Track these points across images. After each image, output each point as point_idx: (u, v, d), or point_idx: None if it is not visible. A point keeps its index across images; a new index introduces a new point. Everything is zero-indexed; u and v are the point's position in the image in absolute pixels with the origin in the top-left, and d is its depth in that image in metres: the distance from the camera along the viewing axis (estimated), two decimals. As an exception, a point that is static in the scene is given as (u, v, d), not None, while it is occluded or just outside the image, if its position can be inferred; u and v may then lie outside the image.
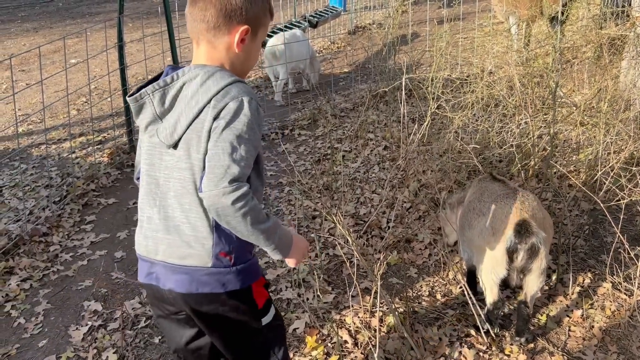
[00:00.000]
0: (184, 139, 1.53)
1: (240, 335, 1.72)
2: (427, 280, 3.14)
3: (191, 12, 1.58)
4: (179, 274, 1.60)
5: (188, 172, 1.55)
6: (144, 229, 1.66)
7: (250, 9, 1.56)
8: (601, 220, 3.56)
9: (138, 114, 1.59)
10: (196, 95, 1.51)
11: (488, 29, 5.72)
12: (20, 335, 2.83)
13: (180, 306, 1.68)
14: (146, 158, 1.63)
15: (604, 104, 3.47)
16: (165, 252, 1.61)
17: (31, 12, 11.65)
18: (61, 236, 3.67)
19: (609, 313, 2.82)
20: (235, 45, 1.57)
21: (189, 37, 1.65)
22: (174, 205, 1.58)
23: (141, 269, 1.71)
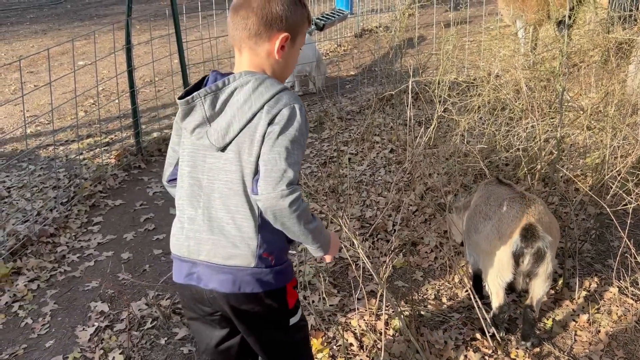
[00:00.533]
0: (235, 142, 1.58)
1: (274, 334, 1.78)
2: (433, 284, 3.14)
3: (233, 20, 1.63)
4: (223, 274, 1.64)
5: (237, 174, 1.59)
6: (185, 229, 1.69)
7: (290, 17, 1.62)
8: (608, 225, 3.55)
9: (186, 116, 1.62)
10: (249, 101, 1.56)
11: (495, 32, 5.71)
12: (27, 335, 2.85)
13: (219, 306, 1.71)
14: (189, 160, 1.67)
15: (611, 108, 3.46)
16: (210, 252, 1.64)
17: (39, 14, 11.73)
18: (68, 237, 3.69)
19: (615, 318, 2.81)
20: (276, 52, 1.63)
21: (197, 40, 1.68)
22: (218, 207, 1.63)
23: (179, 270, 1.72)
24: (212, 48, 6.56)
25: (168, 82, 6.72)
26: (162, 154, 5.02)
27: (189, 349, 2.69)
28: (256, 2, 1.59)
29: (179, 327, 2.82)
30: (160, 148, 5.07)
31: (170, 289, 3.14)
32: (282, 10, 1.60)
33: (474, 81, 4.25)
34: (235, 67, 1.69)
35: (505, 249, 2.50)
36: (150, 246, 3.60)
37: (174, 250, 1.73)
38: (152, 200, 4.21)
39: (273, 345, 1.80)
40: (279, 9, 1.59)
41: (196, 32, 8.01)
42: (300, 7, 1.65)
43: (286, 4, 1.60)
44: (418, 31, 6.69)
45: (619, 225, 2.81)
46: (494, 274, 2.57)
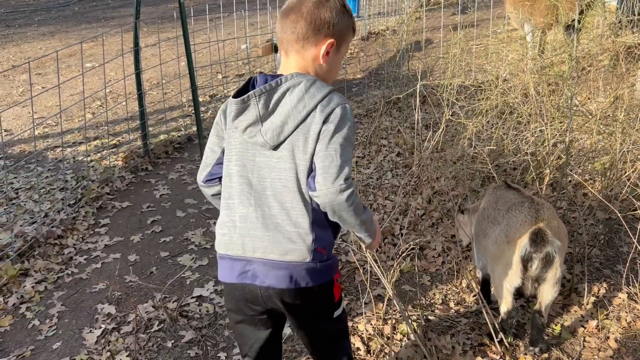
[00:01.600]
0: (289, 140, 1.64)
1: (321, 326, 1.85)
2: (440, 288, 3.13)
3: (282, 23, 1.70)
4: (279, 269, 1.67)
5: (291, 171, 1.64)
6: (238, 228, 1.70)
7: (337, 24, 1.69)
8: (616, 230, 3.53)
9: (238, 115, 1.66)
10: (303, 101, 1.63)
11: (502, 36, 5.70)
12: (34, 337, 2.86)
13: (272, 304, 1.73)
14: (237, 159, 1.70)
15: (621, 113, 3.44)
16: (267, 249, 1.67)
17: (47, 16, 11.80)
18: (76, 239, 3.70)
19: (624, 324, 2.79)
20: (321, 57, 1.69)
21: (204, 42, 1.71)
22: (272, 204, 1.67)
23: (231, 269, 1.74)
24: (220, 50, 6.58)
25: (175, 85, 6.73)
26: (169, 156, 5.03)
27: (195, 352, 2.69)
28: (306, 8, 1.66)
29: (186, 330, 2.82)
30: (167, 150, 5.08)
31: (177, 291, 3.14)
32: (330, 17, 1.67)
33: (481, 85, 4.24)
34: (282, 69, 1.74)
35: (514, 254, 2.48)
36: (157, 248, 3.61)
37: (224, 250, 1.75)
38: (159, 202, 4.22)
39: (320, 336, 1.87)
40: (327, 16, 1.67)
41: (203, 35, 8.03)
42: (347, 16, 1.72)
43: (334, 11, 1.68)
44: (425, 34, 6.68)
45: (629, 230, 2.78)
46: (502, 278, 2.56)
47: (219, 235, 1.76)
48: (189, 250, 3.57)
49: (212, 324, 2.88)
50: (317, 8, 1.66)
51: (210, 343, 2.76)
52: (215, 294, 3.11)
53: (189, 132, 5.47)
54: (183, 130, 5.51)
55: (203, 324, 2.88)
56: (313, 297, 1.74)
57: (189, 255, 3.51)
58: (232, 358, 2.66)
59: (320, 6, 1.66)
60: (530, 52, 5.66)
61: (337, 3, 1.69)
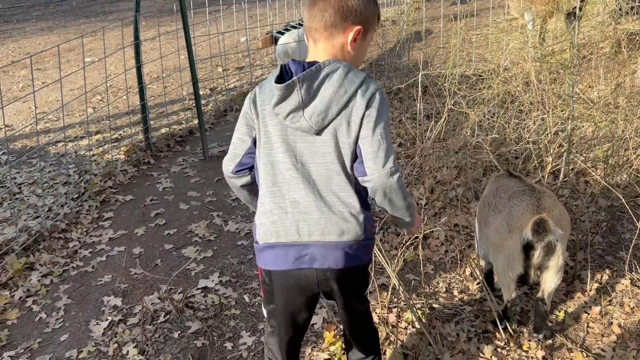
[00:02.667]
0: (332, 125, 1.68)
1: (358, 305, 1.92)
2: (444, 277, 3.14)
3: (310, 12, 1.73)
4: (337, 250, 1.71)
5: (334, 155, 1.69)
6: (289, 214, 1.72)
7: (364, 12, 1.73)
8: (619, 217, 3.54)
9: (281, 101, 1.67)
10: (343, 86, 1.67)
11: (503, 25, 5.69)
12: (42, 329, 2.88)
13: (326, 287, 1.78)
14: (280, 146, 1.72)
15: (623, 100, 3.44)
16: (323, 231, 1.70)
17: (45, 12, 11.76)
18: (80, 232, 3.71)
19: (627, 310, 2.81)
20: (349, 44, 1.73)
21: (204, 35, 1.72)
22: (321, 187, 1.71)
23: (285, 256, 1.74)
24: (219, 43, 6.57)
25: (175, 78, 6.73)
26: (170, 149, 5.04)
27: (202, 342, 2.71)
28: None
29: (192, 321, 2.84)
30: (169, 144, 5.08)
31: (182, 283, 3.16)
32: (357, 4, 1.71)
33: (483, 74, 4.24)
34: (310, 56, 1.76)
35: (516, 243, 2.49)
36: (161, 241, 3.62)
37: (275, 238, 1.74)
38: (162, 195, 4.23)
39: (357, 315, 1.94)
40: (354, 3, 1.70)
41: (203, 28, 8.01)
42: (373, 4, 1.77)
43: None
44: (425, 24, 6.66)
45: (633, 215, 2.79)
46: (505, 267, 2.57)
47: (267, 223, 1.75)
48: (193, 243, 3.58)
49: (217, 315, 2.90)
50: None
51: (217, 333, 2.78)
52: (220, 285, 3.12)
53: (190, 125, 5.47)
54: (184, 124, 5.52)
55: (209, 314, 2.90)
56: (363, 274, 1.83)
57: (193, 247, 3.52)
58: (238, 348, 2.68)
59: None
60: (531, 40, 5.65)
61: None
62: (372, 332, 2.04)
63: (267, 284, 1.88)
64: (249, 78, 6.86)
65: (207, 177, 4.51)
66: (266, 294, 1.93)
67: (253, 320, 2.86)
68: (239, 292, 3.08)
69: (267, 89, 1.74)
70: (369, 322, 2.02)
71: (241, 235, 3.64)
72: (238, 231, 3.68)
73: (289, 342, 1.97)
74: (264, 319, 2.85)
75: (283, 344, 1.97)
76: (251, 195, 1.94)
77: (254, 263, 3.34)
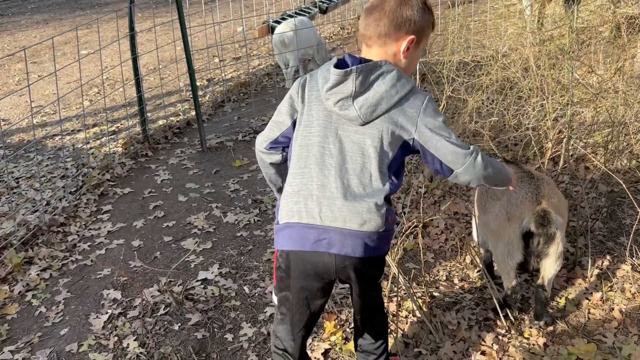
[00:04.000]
0: (380, 120, 1.74)
1: (375, 291, 1.99)
2: (444, 265, 3.13)
3: (366, 20, 1.78)
4: (357, 239, 1.74)
5: (375, 148, 1.74)
6: (315, 196, 1.75)
7: (419, 21, 1.77)
8: (619, 203, 3.53)
9: (335, 86, 1.73)
10: (395, 87, 1.74)
11: (501, 10, 5.64)
12: (42, 324, 2.87)
13: (343, 274, 1.80)
14: (320, 131, 1.79)
15: (623, 84, 3.42)
16: (346, 218, 1.73)
17: (40, 4, 11.68)
18: (78, 226, 3.70)
19: (628, 295, 2.80)
20: (401, 53, 1.78)
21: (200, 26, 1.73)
22: (351, 177, 1.75)
23: (304, 237, 1.77)
24: (216, 34, 6.52)
25: (172, 70, 6.69)
26: (168, 141, 5.02)
27: (202, 334, 2.71)
28: (389, 6, 1.75)
29: (192, 313, 2.83)
30: (166, 135, 5.06)
31: (182, 275, 3.15)
32: (412, 14, 1.75)
33: (481, 60, 4.21)
34: (363, 56, 1.82)
35: (515, 231, 2.48)
36: (160, 233, 3.61)
37: (296, 218, 1.77)
38: (160, 187, 4.21)
39: (372, 301, 2.00)
40: (409, 14, 1.75)
41: (199, 18, 7.95)
42: (428, 13, 1.80)
43: (416, 8, 1.75)
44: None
45: (634, 201, 2.78)
46: (504, 254, 2.56)
47: (290, 203, 1.79)
48: (192, 234, 3.57)
49: (218, 307, 2.90)
50: (400, 6, 1.74)
51: (217, 325, 2.78)
52: (220, 277, 3.12)
53: (187, 116, 5.44)
54: (182, 115, 5.49)
55: (209, 306, 2.89)
56: (378, 265, 1.87)
57: (192, 239, 3.51)
58: (239, 339, 2.68)
59: (403, 4, 1.74)
60: (529, 26, 5.60)
61: (418, 1, 1.77)
62: (384, 318, 2.09)
63: (283, 270, 1.89)
64: (246, 68, 6.82)
65: (205, 168, 4.49)
66: (279, 281, 1.93)
67: (253, 312, 2.85)
68: (239, 283, 3.07)
69: (320, 75, 1.80)
70: (381, 308, 2.07)
71: (240, 227, 3.62)
72: (237, 222, 3.67)
73: (301, 330, 1.98)
74: (264, 310, 2.84)
75: (296, 331, 1.97)
76: (276, 175, 2.02)
77: (253, 254, 3.33)
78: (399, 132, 1.75)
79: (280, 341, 2.03)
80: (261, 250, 3.36)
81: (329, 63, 1.79)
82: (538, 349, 2.51)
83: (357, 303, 1.99)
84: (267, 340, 2.65)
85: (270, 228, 3.58)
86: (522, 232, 2.46)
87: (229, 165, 4.52)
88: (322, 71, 1.80)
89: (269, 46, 7.39)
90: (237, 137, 5.01)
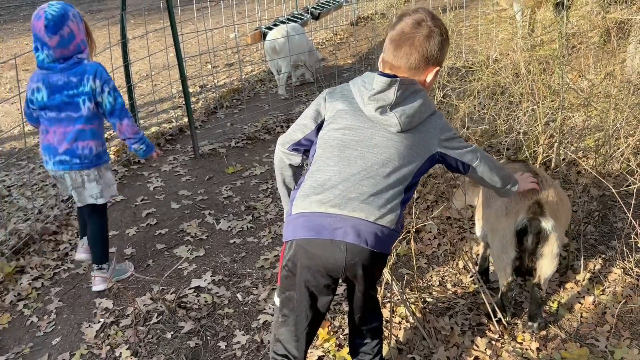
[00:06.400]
0: (413, 131, 1.90)
1: (374, 290, 2.06)
2: (437, 270, 3.14)
3: (395, 52, 1.89)
4: (371, 230, 1.81)
5: (401, 157, 1.87)
6: (338, 190, 1.83)
7: (442, 54, 1.93)
8: (610, 206, 3.54)
9: (379, 93, 1.85)
10: (424, 106, 1.90)
11: (492, 16, 5.67)
12: (33, 333, 2.85)
13: (351, 272, 1.86)
14: (353, 132, 1.89)
15: (613, 89, 3.44)
16: (364, 210, 1.81)
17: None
18: (70, 234, 3.68)
19: (620, 299, 2.81)
20: (427, 82, 1.95)
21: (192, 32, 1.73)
22: (378, 177, 1.85)
23: (320, 225, 1.81)
24: (208, 40, 6.53)
25: (164, 76, 6.68)
26: (160, 148, 5.00)
27: (195, 342, 2.69)
28: (419, 41, 1.87)
29: (185, 321, 2.82)
30: (159, 142, 5.05)
31: (175, 283, 3.14)
32: (438, 49, 1.90)
33: (472, 66, 4.23)
34: None
35: (510, 226, 2.50)
36: (152, 241, 3.60)
37: (316, 208, 1.83)
38: (152, 195, 4.20)
39: (371, 300, 2.06)
40: (436, 48, 1.89)
41: (191, 25, 7.96)
42: (448, 44, 1.95)
43: (440, 42, 1.89)
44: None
45: (623, 205, 2.80)
46: (499, 250, 2.58)
47: (311, 194, 1.85)
48: (185, 242, 3.56)
49: (210, 314, 2.89)
50: (428, 40, 1.87)
51: (210, 333, 2.77)
52: (213, 284, 3.11)
53: (180, 123, 5.43)
54: (174, 122, 5.48)
55: (202, 314, 2.88)
56: (383, 263, 1.96)
57: (185, 246, 3.50)
58: (232, 347, 2.67)
59: (431, 38, 1.87)
60: (520, 31, 5.64)
61: (442, 33, 1.90)
62: (381, 316, 2.16)
63: (289, 268, 1.91)
64: (239, 74, 6.82)
65: (198, 175, 4.48)
66: (284, 280, 1.95)
67: (246, 319, 2.84)
68: (232, 290, 3.06)
69: (356, 84, 1.93)
70: (379, 306, 2.14)
71: (233, 234, 3.62)
72: (230, 229, 3.66)
73: (305, 329, 1.98)
74: (257, 318, 2.84)
75: (300, 330, 1.98)
76: (291, 177, 2.11)
77: (246, 261, 3.33)
78: (427, 146, 1.92)
79: (282, 345, 2.02)
80: (254, 258, 3.35)
81: (370, 73, 1.91)
82: (531, 353, 2.51)
83: (358, 301, 2.02)
84: (261, 347, 2.65)
85: (263, 235, 3.57)
86: (517, 228, 2.48)
87: (221, 172, 4.52)
88: (359, 80, 1.92)
89: (262, 52, 7.40)
90: (230, 144, 5.01)
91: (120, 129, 2.95)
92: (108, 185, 3.00)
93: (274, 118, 5.48)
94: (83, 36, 2.84)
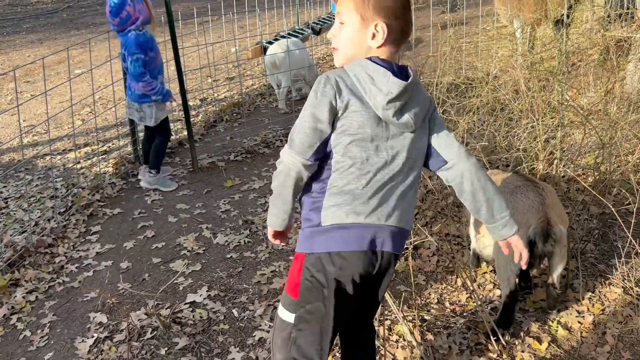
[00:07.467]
0: (420, 126, 1.86)
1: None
2: (435, 287, 3.10)
3: (407, 15, 1.84)
4: (401, 236, 1.84)
5: (417, 151, 1.86)
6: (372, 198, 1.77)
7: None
8: (611, 224, 3.52)
9: (398, 98, 1.76)
10: (423, 93, 1.88)
11: (492, 33, 5.69)
12: (26, 348, 2.81)
13: (380, 274, 1.87)
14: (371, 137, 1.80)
15: (613, 107, 3.44)
16: (396, 216, 1.80)
17: (35, 24, 11.72)
18: (66, 247, 3.66)
19: (620, 319, 2.78)
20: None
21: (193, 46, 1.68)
22: (400, 179, 1.82)
23: (362, 237, 1.77)
24: (209, 54, 6.54)
25: (165, 89, 6.68)
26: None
27: (189, 358, 2.65)
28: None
29: (179, 337, 2.78)
30: (158, 155, 5.03)
31: (170, 298, 3.10)
32: None
33: (472, 82, 4.23)
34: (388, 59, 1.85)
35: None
36: (149, 255, 3.57)
37: (353, 219, 1.76)
38: (150, 208, 4.18)
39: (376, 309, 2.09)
40: None
41: (192, 39, 7.99)
42: None
43: None
44: (415, 33, 6.67)
45: (623, 224, 2.78)
46: (507, 259, 2.57)
47: (343, 205, 1.76)
48: (182, 256, 3.53)
49: (206, 330, 2.85)
50: None
51: (205, 349, 2.73)
52: (208, 300, 3.07)
53: (179, 136, 5.43)
54: (174, 135, 5.47)
55: (197, 330, 2.84)
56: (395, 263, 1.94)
57: (181, 260, 3.47)
58: (226, 364, 2.63)
59: None
60: (520, 48, 5.65)
61: None
62: (374, 329, 2.17)
63: (317, 279, 1.79)
64: (239, 88, 6.83)
65: (196, 189, 4.46)
66: (306, 292, 1.82)
67: (242, 335, 2.81)
68: (228, 306, 3.03)
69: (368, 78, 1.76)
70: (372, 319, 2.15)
71: (230, 248, 3.59)
72: (227, 243, 3.64)
73: (329, 340, 1.84)
74: (252, 334, 2.80)
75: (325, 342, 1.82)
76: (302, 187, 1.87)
77: (243, 276, 3.30)
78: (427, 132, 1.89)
79: (302, 356, 1.83)
80: (251, 273, 3.32)
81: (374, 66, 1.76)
82: (530, 374, 2.48)
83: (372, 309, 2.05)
84: (255, 365, 2.61)
85: (260, 250, 3.55)
86: (527, 240, 2.53)
87: (220, 186, 4.50)
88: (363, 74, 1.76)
89: (262, 67, 7.42)
90: (229, 157, 5.00)
91: (136, 87, 4.13)
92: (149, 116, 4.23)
93: (274, 132, 5.47)
94: None
